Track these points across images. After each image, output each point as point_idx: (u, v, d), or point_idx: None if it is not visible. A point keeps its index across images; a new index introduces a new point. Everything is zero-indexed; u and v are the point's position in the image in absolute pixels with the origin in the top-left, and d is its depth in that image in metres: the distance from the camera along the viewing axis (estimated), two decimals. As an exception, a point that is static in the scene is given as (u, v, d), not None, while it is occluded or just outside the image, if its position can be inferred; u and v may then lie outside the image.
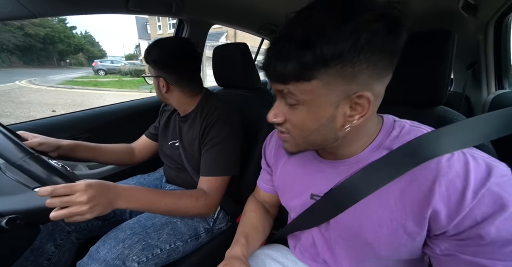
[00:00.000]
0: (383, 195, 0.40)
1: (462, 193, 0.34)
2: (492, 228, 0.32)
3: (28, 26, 29.22)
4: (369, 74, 0.34)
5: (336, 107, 0.36)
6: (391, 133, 0.42)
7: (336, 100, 0.36)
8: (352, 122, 0.37)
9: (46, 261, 0.73)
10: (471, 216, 0.33)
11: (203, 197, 0.71)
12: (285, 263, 0.57)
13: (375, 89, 0.36)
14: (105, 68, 16.06)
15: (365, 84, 0.35)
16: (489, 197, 0.33)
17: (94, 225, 0.82)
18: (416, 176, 0.38)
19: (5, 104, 6.66)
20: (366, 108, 0.36)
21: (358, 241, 0.45)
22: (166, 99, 0.81)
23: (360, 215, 0.43)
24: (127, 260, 0.61)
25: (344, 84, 0.34)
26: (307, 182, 0.51)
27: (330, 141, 0.41)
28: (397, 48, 0.34)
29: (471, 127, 0.39)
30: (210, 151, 0.75)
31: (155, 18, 15.73)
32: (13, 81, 11.92)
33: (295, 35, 0.33)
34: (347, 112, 0.37)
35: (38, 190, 0.47)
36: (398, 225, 0.39)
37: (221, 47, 1.03)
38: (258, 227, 0.61)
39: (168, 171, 0.93)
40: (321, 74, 0.33)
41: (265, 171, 0.65)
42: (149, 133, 1.00)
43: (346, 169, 0.45)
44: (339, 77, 0.33)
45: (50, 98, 7.80)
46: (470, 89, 1.29)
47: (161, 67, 0.75)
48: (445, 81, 0.53)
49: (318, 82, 0.34)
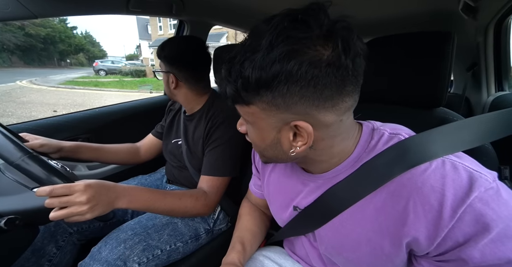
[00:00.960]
0: (359, 213, 0.38)
1: (438, 211, 0.30)
2: (476, 252, 0.29)
3: (29, 26, 29.36)
4: (305, 106, 0.32)
5: (278, 131, 0.36)
6: (369, 143, 0.39)
7: (277, 126, 0.35)
8: (296, 147, 0.36)
9: (48, 263, 0.73)
10: (452, 237, 0.30)
11: (203, 197, 0.71)
12: (283, 264, 0.57)
13: (317, 118, 0.33)
14: (106, 69, 16.16)
15: (302, 114, 0.32)
16: (471, 215, 0.29)
17: (96, 226, 0.82)
18: (391, 192, 0.35)
19: (6, 104, 6.73)
20: (306, 137, 0.34)
21: (341, 259, 0.44)
22: (174, 95, 0.83)
23: (340, 233, 0.41)
24: (128, 261, 0.61)
25: (279, 112, 0.33)
26: (291, 194, 0.49)
27: (285, 160, 0.41)
28: (343, 79, 0.31)
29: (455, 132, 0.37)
30: (213, 152, 0.75)
31: (156, 19, 15.79)
32: (14, 81, 12.00)
33: (234, 60, 0.33)
34: (291, 137, 0.35)
35: (37, 190, 0.47)
36: (376, 245, 0.37)
37: (222, 48, 1.03)
38: (254, 230, 0.61)
39: (171, 169, 0.93)
40: (256, 101, 0.33)
41: (255, 176, 0.65)
42: (156, 132, 1.00)
43: (324, 183, 0.43)
44: (273, 106, 0.33)
45: (51, 98, 7.87)
46: (470, 90, 1.30)
47: (172, 63, 0.77)
48: (445, 83, 0.53)
49: (256, 107, 0.34)
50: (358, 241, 0.39)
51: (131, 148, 0.97)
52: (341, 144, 0.39)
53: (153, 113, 1.27)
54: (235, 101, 0.36)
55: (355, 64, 0.31)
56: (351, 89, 0.33)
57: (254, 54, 0.30)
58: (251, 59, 0.30)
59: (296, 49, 0.29)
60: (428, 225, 0.31)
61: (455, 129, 0.37)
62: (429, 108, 0.58)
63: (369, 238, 0.38)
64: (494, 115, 0.39)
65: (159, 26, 16.33)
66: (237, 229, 0.62)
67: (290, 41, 0.29)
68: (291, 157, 0.39)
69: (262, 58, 0.29)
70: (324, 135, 0.35)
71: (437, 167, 0.32)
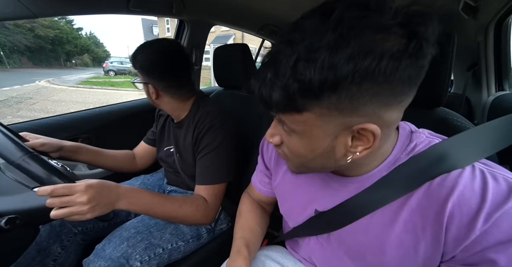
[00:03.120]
0: (391, 215, 0.37)
1: (476, 214, 0.30)
2: (503, 257, 0.28)
3: (38, 27, 29.70)
4: (374, 106, 0.28)
5: (334, 138, 0.31)
6: (407, 146, 0.37)
7: (334, 132, 0.30)
8: (354, 153, 0.32)
9: (52, 262, 0.73)
10: (482, 241, 0.29)
11: (203, 206, 0.70)
12: (285, 263, 0.57)
13: (384, 118, 0.29)
14: (115, 69, 16.53)
15: (369, 116, 0.29)
16: (507, 222, 0.28)
17: (100, 226, 0.83)
18: (428, 194, 0.34)
19: (43, 103, 7.10)
20: (371, 141, 0.30)
21: (364, 263, 0.41)
22: (158, 105, 0.78)
23: (366, 236, 0.39)
24: (130, 258, 0.62)
25: (342, 116, 0.29)
26: (311, 196, 0.47)
27: (331, 168, 0.37)
28: (418, 73, 0.28)
29: (485, 134, 0.36)
30: (204, 159, 0.73)
31: (164, 21, 15.79)
32: (33, 82, 12.38)
33: (282, 60, 0.27)
34: (349, 142, 0.31)
35: (37, 190, 0.47)
36: (409, 248, 0.35)
37: (222, 48, 1.03)
38: (256, 230, 0.60)
39: (167, 173, 0.93)
40: (314, 107, 0.28)
41: (263, 173, 0.61)
42: (147, 139, 0.98)
43: (356, 187, 0.40)
44: (335, 110, 0.28)
45: (77, 97, 8.25)
46: (470, 90, 1.30)
47: (148, 73, 0.70)
48: (445, 82, 0.53)
49: (311, 114, 0.29)
50: (388, 244, 0.37)
51: (127, 155, 0.95)
52: (385, 145, 0.36)
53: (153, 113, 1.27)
54: (281, 109, 0.30)
55: (431, 54, 0.28)
56: (418, 85, 0.30)
57: (313, 53, 0.25)
58: (311, 60, 0.25)
59: (374, 41, 0.25)
60: (461, 226, 0.31)
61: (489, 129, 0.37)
62: (429, 108, 0.58)
63: (401, 241, 0.36)
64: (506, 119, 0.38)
65: (167, 28, 16.31)
66: (239, 228, 0.60)
67: (366, 33, 0.25)
68: (342, 165, 0.35)
69: (329, 57, 0.25)
70: (382, 135, 0.31)
71: (477, 173, 0.32)
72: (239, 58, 0.96)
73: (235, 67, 0.99)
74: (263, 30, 1.57)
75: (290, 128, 0.32)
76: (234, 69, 1.00)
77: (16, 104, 6.86)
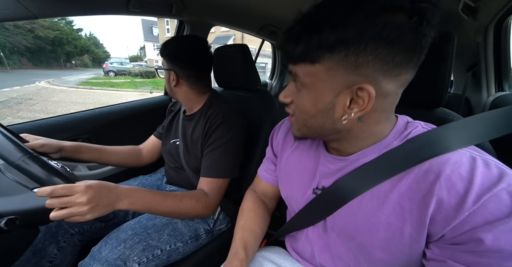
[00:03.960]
0: (381, 197, 0.39)
1: (463, 196, 0.32)
2: (489, 235, 0.30)
3: (38, 28, 29.77)
4: (374, 68, 0.33)
5: (336, 95, 0.36)
6: (402, 133, 0.41)
7: (336, 89, 0.36)
8: (350, 114, 0.37)
9: (48, 263, 0.73)
10: (471, 221, 0.31)
11: (204, 199, 0.71)
12: (283, 264, 0.57)
13: (380, 85, 0.34)
14: (115, 70, 16.54)
15: (368, 77, 0.34)
16: (496, 203, 0.30)
17: (97, 227, 0.82)
18: (417, 178, 0.36)
19: (43, 103, 7.13)
20: (366, 102, 0.35)
21: (353, 243, 0.44)
22: (174, 93, 0.83)
23: (357, 217, 0.42)
24: (128, 260, 0.61)
25: (346, 73, 0.34)
26: (310, 175, 0.50)
27: (329, 130, 0.41)
28: (415, 47, 0.33)
29: (476, 124, 0.38)
30: (212, 153, 0.75)
31: (164, 21, 15.84)
32: (33, 83, 12.40)
33: (308, 19, 0.35)
34: (347, 103, 0.36)
35: (37, 190, 0.47)
36: (396, 229, 0.38)
37: (222, 48, 1.03)
38: (256, 232, 0.60)
39: (169, 171, 0.93)
40: (325, 59, 0.34)
41: (269, 160, 0.65)
42: (158, 133, 1.00)
43: (347, 165, 0.44)
44: (342, 65, 0.33)
45: (77, 98, 8.27)
46: (470, 91, 1.30)
47: (173, 60, 0.78)
48: (445, 83, 0.53)
49: (322, 67, 0.35)
50: (376, 225, 0.40)
51: (133, 150, 0.96)
52: (382, 124, 0.40)
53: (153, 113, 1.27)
54: (300, 59, 0.37)
55: (429, 36, 0.33)
56: (415, 63, 0.34)
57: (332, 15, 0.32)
58: (330, 20, 0.32)
59: (384, 11, 0.31)
60: (449, 208, 0.33)
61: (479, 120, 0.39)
62: (429, 108, 0.58)
63: (389, 222, 0.38)
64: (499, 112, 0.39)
65: (166, 28, 16.36)
66: (239, 228, 0.61)
67: (379, 3, 0.31)
68: (337, 128, 0.39)
69: (344, 19, 0.31)
70: (378, 106, 0.36)
71: (468, 160, 0.34)
72: (239, 59, 0.96)
73: (235, 68, 0.99)
74: (263, 30, 1.58)
75: (301, 82, 0.38)
76: (234, 69, 1.00)
77: (16, 105, 6.88)
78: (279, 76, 2.17)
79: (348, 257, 0.47)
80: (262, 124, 0.93)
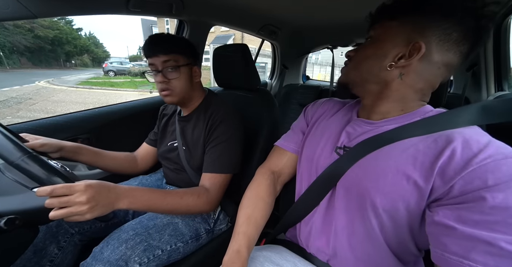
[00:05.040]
0: (398, 150, 0.43)
1: (475, 153, 0.35)
2: (500, 195, 0.31)
3: (38, 28, 29.71)
4: (434, 33, 0.42)
5: (394, 46, 0.45)
6: (427, 113, 0.46)
7: (398, 42, 0.45)
8: (397, 63, 0.45)
9: (49, 263, 0.73)
10: (482, 177, 0.33)
11: (205, 194, 0.71)
12: (284, 264, 0.57)
13: (431, 49, 0.42)
14: (115, 70, 16.45)
15: (426, 39, 0.42)
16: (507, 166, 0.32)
17: (97, 227, 0.82)
18: (436, 140, 0.40)
19: (43, 103, 7.12)
20: (413, 56, 0.43)
21: (355, 190, 0.47)
22: (193, 90, 0.82)
23: (369, 166, 0.46)
24: (129, 261, 0.61)
25: (412, 31, 0.43)
26: (337, 134, 0.55)
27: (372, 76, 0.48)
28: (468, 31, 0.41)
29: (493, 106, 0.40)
30: (215, 149, 0.76)
31: (163, 21, 15.83)
32: (33, 82, 12.35)
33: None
34: (398, 55, 0.45)
35: (37, 190, 0.47)
36: (403, 176, 0.41)
37: (222, 48, 1.03)
38: (261, 226, 0.60)
39: (167, 172, 0.93)
40: (403, 17, 0.44)
41: (295, 131, 0.68)
42: (149, 140, 0.99)
43: (371, 130, 0.49)
44: (412, 24, 0.43)
45: (77, 97, 8.26)
46: (470, 90, 1.30)
47: (193, 54, 0.79)
48: (444, 83, 0.53)
49: (397, 23, 0.45)
50: (385, 171, 0.43)
51: (129, 157, 0.95)
52: (415, 95, 0.47)
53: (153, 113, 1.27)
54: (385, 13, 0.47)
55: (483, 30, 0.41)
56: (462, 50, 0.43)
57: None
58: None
59: None
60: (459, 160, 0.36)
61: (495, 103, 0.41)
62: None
63: (398, 169, 0.42)
64: None
65: (166, 28, 16.34)
66: (245, 219, 0.59)
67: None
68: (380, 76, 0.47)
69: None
70: (420, 69, 0.44)
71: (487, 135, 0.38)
72: (239, 59, 0.96)
73: (235, 68, 0.99)
74: (263, 30, 1.58)
75: (373, 37, 0.49)
76: (234, 69, 1.00)
77: (16, 104, 6.88)
78: (279, 76, 2.17)
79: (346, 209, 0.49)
80: (262, 123, 0.93)
